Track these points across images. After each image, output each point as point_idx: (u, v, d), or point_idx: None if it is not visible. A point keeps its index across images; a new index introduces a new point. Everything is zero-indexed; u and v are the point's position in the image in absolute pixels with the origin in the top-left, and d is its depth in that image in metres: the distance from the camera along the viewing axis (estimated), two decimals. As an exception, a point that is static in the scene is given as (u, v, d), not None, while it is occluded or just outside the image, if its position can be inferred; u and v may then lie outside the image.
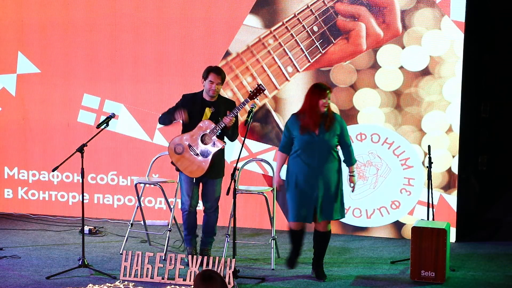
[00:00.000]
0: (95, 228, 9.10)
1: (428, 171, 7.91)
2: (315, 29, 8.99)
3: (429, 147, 7.96)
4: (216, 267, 7.20)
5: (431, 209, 7.89)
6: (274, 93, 9.11)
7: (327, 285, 7.31)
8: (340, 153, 7.41)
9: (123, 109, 9.51)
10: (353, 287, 7.28)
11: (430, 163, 7.88)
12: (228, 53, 9.21)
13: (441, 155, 8.77)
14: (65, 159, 7.73)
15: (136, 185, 8.47)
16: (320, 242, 7.46)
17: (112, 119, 7.76)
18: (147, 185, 8.59)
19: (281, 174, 7.46)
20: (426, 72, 8.79)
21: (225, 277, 7.06)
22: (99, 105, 9.57)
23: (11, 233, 9.06)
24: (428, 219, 7.92)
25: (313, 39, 9.00)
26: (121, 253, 8.03)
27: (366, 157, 8.97)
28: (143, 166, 9.18)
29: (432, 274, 7.36)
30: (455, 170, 8.81)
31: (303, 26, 9.00)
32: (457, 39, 8.65)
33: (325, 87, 7.31)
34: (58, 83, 9.66)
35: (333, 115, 7.34)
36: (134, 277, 7.35)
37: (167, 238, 8.06)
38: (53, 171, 7.57)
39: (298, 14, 9.01)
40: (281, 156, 7.45)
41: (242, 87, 9.17)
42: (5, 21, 9.69)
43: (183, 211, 7.81)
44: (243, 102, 7.57)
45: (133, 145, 9.53)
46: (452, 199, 8.85)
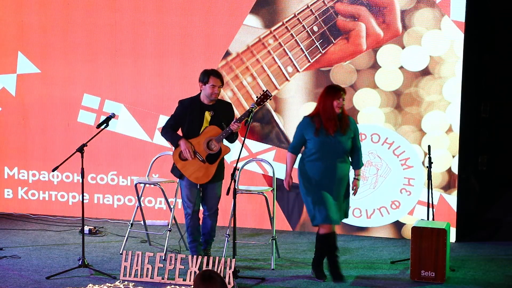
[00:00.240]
0: (95, 228, 9.10)
1: (428, 171, 7.90)
2: (315, 29, 8.98)
3: (429, 147, 7.96)
4: (216, 267, 7.20)
5: (431, 209, 7.89)
6: (274, 93, 9.10)
7: (327, 285, 7.30)
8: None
9: (123, 109, 9.51)
10: (353, 287, 7.28)
11: (430, 163, 7.87)
12: (228, 53, 9.21)
13: (441, 155, 8.76)
14: (65, 159, 7.73)
15: (136, 185, 8.46)
16: (329, 243, 7.43)
17: (112, 119, 7.74)
18: (147, 185, 8.58)
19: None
20: (426, 72, 8.79)
21: (225, 277, 7.05)
22: (99, 105, 9.56)
23: (11, 233, 9.06)
24: (428, 219, 7.92)
25: (313, 39, 9.00)
26: (121, 253, 8.03)
27: (366, 157, 8.96)
28: (143, 166, 9.18)
29: (432, 274, 7.36)
30: (455, 170, 8.81)
31: (303, 26, 8.99)
32: (457, 39, 8.65)
33: (339, 88, 7.29)
34: (58, 83, 9.65)
35: (347, 118, 7.33)
36: (134, 277, 7.34)
37: (167, 238, 8.07)
38: (53, 171, 7.56)
39: (298, 14, 9.01)
40: (292, 157, 7.43)
41: (242, 87, 9.16)
42: (5, 21, 9.69)
43: (186, 216, 7.74)
44: (249, 109, 7.38)
45: (133, 145, 9.53)
46: (452, 199, 8.84)
